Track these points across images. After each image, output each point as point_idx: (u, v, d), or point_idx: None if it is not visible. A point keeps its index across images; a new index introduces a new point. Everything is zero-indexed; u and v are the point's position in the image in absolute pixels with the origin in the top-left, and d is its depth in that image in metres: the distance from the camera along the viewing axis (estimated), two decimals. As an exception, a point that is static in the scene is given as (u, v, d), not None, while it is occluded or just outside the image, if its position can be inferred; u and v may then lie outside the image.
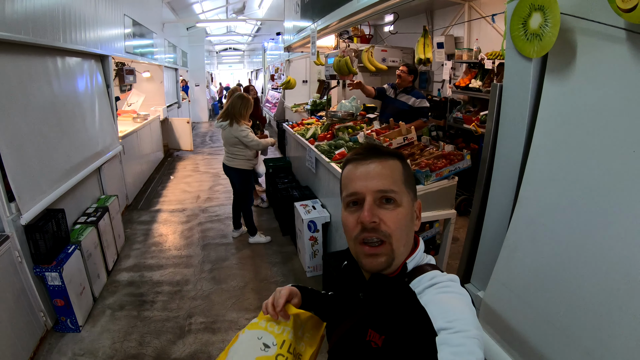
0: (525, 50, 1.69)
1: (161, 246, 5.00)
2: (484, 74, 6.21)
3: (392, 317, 1.01)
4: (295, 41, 7.50)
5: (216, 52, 27.20)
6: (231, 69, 32.19)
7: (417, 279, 1.04)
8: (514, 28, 1.73)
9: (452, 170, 3.35)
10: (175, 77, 12.55)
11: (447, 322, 0.89)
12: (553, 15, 1.51)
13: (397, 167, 1.09)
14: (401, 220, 1.05)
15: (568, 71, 1.57)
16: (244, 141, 4.70)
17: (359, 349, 1.05)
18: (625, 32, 1.32)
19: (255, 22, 15.64)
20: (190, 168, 9.10)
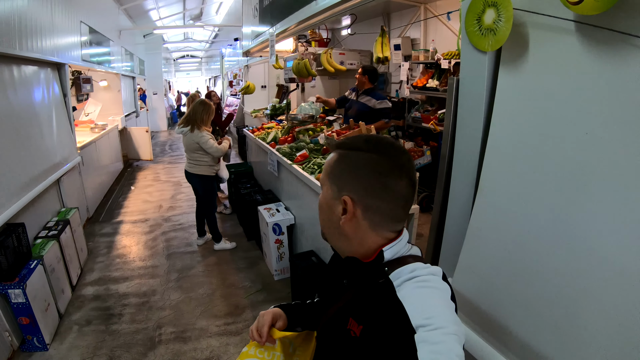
0: (480, 44, 1.77)
1: (125, 258, 4.92)
2: (440, 74, 6.36)
3: (370, 308, 1.01)
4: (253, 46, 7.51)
5: (173, 59, 26.79)
6: (189, 76, 31.87)
7: (397, 271, 1.03)
8: (469, 24, 1.80)
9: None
10: (132, 86, 12.34)
11: (424, 319, 0.89)
12: (506, 11, 1.59)
13: (332, 159, 1.11)
14: (319, 205, 1.12)
15: (521, 62, 1.66)
16: (204, 147, 4.69)
17: (339, 336, 1.06)
18: (574, 23, 1.42)
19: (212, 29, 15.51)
20: (151, 178, 8.98)
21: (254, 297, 4.05)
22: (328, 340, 1.14)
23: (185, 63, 28.99)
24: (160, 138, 15.01)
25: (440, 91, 6.13)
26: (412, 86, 6.76)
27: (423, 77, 6.77)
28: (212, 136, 4.83)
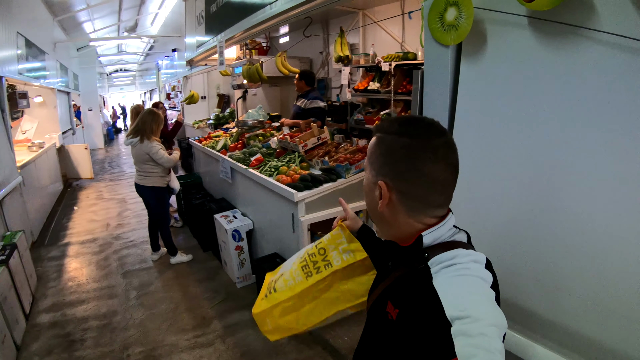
0: (443, 39, 1.93)
1: (78, 280, 4.72)
2: (381, 76, 6.56)
3: (407, 293, 1.01)
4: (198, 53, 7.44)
5: (107, 74, 25.99)
6: (123, 91, 31.04)
7: (437, 257, 1.00)
8: (432, 22, 1.97)
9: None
10: (67, 102, 11.86)
11: (459, 311, 0.85)
12: (467, 9, 1.77)
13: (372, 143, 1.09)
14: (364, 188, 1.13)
15: (481, 54, 1.86)
16: (155, 158, 4.60)
17: (380, 318, 1.07)
18: (527, 18, 1.64)
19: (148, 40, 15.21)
20: (94, 196, 8.67)
21: (220, 307, 4.01)
22: (371, 321, 1.17)
23: (119, 77, 28.20)
24: (98, 155, 14.49)
25: (382, 93, 6.32)
26: (353, 89, 6.92)
27: (364, 80, 6.94)
28: (163, 146, 4.74)
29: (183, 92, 12.42)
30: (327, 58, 7.85)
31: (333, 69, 7.64)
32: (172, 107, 14.64)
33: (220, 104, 10.90)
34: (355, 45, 7.16)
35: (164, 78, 16.88)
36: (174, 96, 14.78)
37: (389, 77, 6.28)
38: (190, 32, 8.00)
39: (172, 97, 15.01)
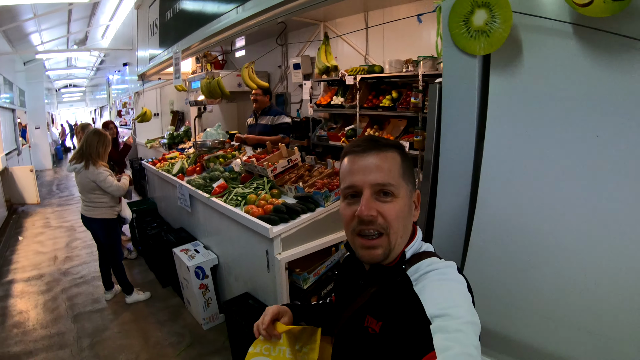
0: (470, 47, 1.64)
1: (24, 326, 4.18)
2: (344, 90, 6.34)
3: (389, 304, 1.05)
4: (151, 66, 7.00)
5: (56, 89, 24.88)
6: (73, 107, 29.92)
7: (415, 266, 1.08)
8: (454, 25, 1.67)
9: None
10: (12, 119, 11.14)
11: (440, 310, 0.92)
12: (503, 12, 1.49)
13: (395, 159, 1.11)
14: (398, 212, 1.07)
15: (515, 67, 1.58)
16: (102, 186, 4.13)
17: (357, 335, 1.10)
18: (575, 27, 1.38)
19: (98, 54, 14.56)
20: (41, 224, 8.02)
21: (186, 354, 3.60)
22: (346, 339, 1.18)
23: (68, 93, 27.07)
24: (45, 177, 13.69)
25: (346, 107, 6.11)
26: (315, 104, 6.68)
27: (326, 94, 6.72)
28: (111, 172, 4.27)
29: (135, 108, 11.88)
30: (286, 72, 7.60)
31: (292, 83, 7.42)
32: (123, 124, 14.07)
33: (174, 122, 10.45)
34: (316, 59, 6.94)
35: (115, 94, 16.24)
36: (125, 113, 14.19)
37: (353, 92, 6.08)
38: (143, 44, 7.56)
39: (123, 114, 14.41)
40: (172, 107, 10.73)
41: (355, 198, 1.09)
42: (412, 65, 5.11)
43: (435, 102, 1.95)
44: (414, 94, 5.03)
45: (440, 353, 0.84)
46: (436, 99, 1.95)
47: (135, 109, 11.78)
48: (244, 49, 8.39)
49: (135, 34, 8.13)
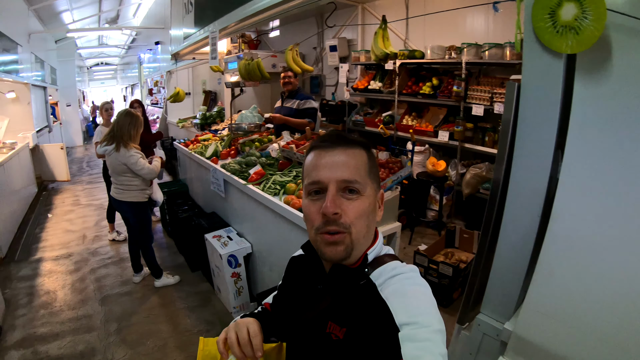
0: (556, 44, 1.40)
1: (51, 307, 4.11)
2: (383, 75, 6.12)
3: (353, 310, 1.01)
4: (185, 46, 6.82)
5: (87, 67, 25.04)
6: (104, 85, 30.11)
7: (378, 270, 1.05)
8: (538, 18, 1.44)
9: (395, 180, 3.04)
10: (44, 97, 11.18)
11: (409, 317, 0.90)
12: (595, 8, 1.26)
13: (362, 157, 1.09)
14: (363, 211, 1.04)
15: (604, 70, 1.36)
16: (134, 169, 3.99)
17: (318, 341, 1.05)
18: None
19: (130, 33, 14.51)
20: (70, 202, 8.01)
21: (215, 344, 3.46)
22: (305, 347, 1.12)
23: (99, 71, 27.21)
24: (76, 154, 13.77)
25: (384, 93, 5.91)
26: (352, 88, 6.49)
27: (363, 78, 6.54)
28: (142, 155, 4.11)
29: (166, 87, 11.79)
30: (322, 54, 7.39)
31: (328, 65, 7.21)
32: (155, 103, 14.02)
33: (207, 102, 10.35)
34: (354, 41, 6.76)
35: (146, 72, 16.19)
36: (157, 92, 14.13)
37: (392, 77, 5.86)
38: (177, 23, 7.38)
39: (154, 93, 14.36)
40: (204, 87, 10.63)
41: (320, 194, 1.05)
42: (455, 52, 4.88)
43: (512, 104, 1.72)
44: (456, 82, 4.82)
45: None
46: (513, 100, 1.72)
47: (166, 87, 11.70)
48: (279, 30, 8.18)
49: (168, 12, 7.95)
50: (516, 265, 1.80)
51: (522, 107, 1.68)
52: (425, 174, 4.99)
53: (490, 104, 4.57)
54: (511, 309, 1.86)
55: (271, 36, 8.61)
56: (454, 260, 3.91)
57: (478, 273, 2.04)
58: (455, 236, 4.36)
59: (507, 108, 1.74)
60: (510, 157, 1.76)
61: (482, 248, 2.01)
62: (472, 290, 2.09)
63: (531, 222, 1.71)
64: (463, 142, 5.00)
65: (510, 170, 1.77)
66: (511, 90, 1.71)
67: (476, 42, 4.67)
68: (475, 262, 2.06)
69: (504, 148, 1.80)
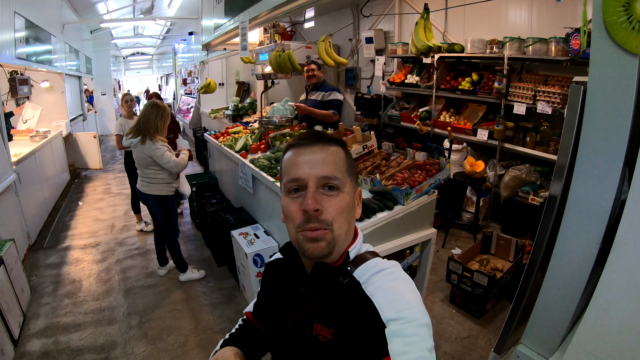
0: (631, 42, 1.21)
1: (75, 297, 4.08)
2: (420, 69, 5.90)
3: (339, 309, 1.00)
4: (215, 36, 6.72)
5: (123, 57, 25.44)
6: (140, 75, 30.55)
7: (361, 267, 1.05)
8: (610, 11, 1.23)
9: (432, 184, 2.83)
10: (79, 86, 11.31)
11: (395, 313, 0.90)
12: None
13: (340, 154, 1.09)
14: (343, 207, 1.04)
15: None
16: (160, 162, 3.88)
17: (306, 344, 1.04)
18: None
19: (164, 23, 14.57)
20: (101, 190, 8.05)
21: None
22: (292, 351, 1.10)
23: (135, 61, 27.62)
24: (110, 142, 13.92)
25: (422, 87, 5.69)
26: (388, 82, 6.28)
27: (400, 72, 6.33)
28: (169, 147, 4.00)
29: (200, 77, 11.78)
30: (358, 46, 7.19)
31: (364, 57, 7.01)
32: (188, 93, 14.08)
33: (240, 92, 10.29)
34: (390, 33, 6.54)
35: (181, 62, 16.29)
36: (190, 82, 14.19)
37: (430, 71, 5.62)
38: (207, 13, 7.28)
39: (188, 83, 14.42)
40: (237, 78, 10.57)
41: (299, 192, 1.04)
42: (496, 46, 4.61)
43: (577, 109, 1.51)
44: (497, 78, 4.56)
45: (398, 357, 0.84)
46: (578, 105, 1.50)
47: (200, 78, 11.70)
48: (314, 20, 8.01)
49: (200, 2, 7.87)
50: (567, 296, 1.62)
51: (588, 114, 1.48)
52: (463, 174, 4.76)
53: (533, 102, 4.30)
54: (556, 343, 1.69)
55: (306, 27, 8.45)
56: (489, 269, 3.67)
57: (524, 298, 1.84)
58: (492, 242, 4.11)
59: (571, 114, 1.53)
60: (571, 171, 1.56)
61: (531, 270, 1.81)
62: (515, 317, 1.90)
63: (589, 247, 1.52)
64: (503, 142, 4.75)
65: (569, 185, 1.57)
66: (576, 94, 1.50)
67: (519, 36, 4.41)
68: (521, 286, 1.86)
69: (565, 159, 1.60)
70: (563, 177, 1.61)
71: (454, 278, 3.59)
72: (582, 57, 3.56)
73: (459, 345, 3.21)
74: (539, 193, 4.37)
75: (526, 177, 4.48)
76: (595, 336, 1.42)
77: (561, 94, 3.96)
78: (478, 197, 4.74)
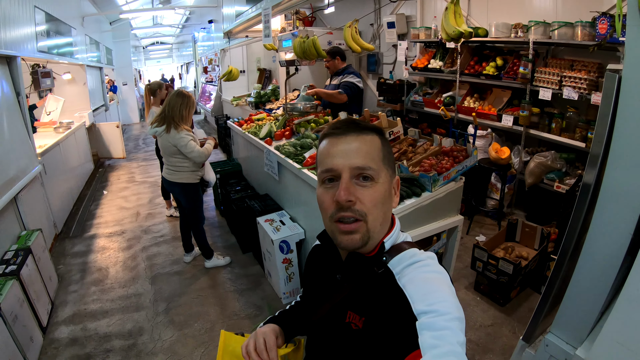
0: None
1: (103, 284, 4.15)
2: (444, 54, 5.80)
3: (371, 299, 1.01)
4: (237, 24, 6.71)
5: (143, 47, 25.60)
6: (159, 64, 30.73)
7: (396, 258, 1.04)
8: None
9: (459, 171, 2.79)
10: (100, 77, 11.42)
11: (427, 306, 0.89)
12: None
13: (375, 143, 1.07)
14: (378, 198, 1.02)
15: None
16: (184, 151, 3.89)
17: (338, 331, 1.06)
18: None
19: (183, 12, 14.59)
20: (125, 179, 8.14)
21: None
22: (325, 337, 1.12)
23: (155, 50, 27.79)
24: (132, 131, 14.07)
25: (445, 72, 5.60)
26: (410, 67, 6.20)
27: (423, 57, 6.24)
28: (194, 136, 4.00)
29: (220, 65, 11.80)
30: (379, 31, 7.11)
31: (385, 42, 6.93)
32: (210, 81, 14.12)
33: (261, 79, 10.29)
34: (412, 17, 6.44)
35: (201, 50, 16.33)
36: (211, 70, 14.22)
37: (454, 55, 5.52)
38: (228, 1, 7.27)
39: (209, 71, 14.45)
40: (258, 65, 10.57)
41: (334, 182, 1.03)
42: (521, 30, 4.50)
43: (612, 96, 1.44)
44: (522, 63, 4.46)
45: (428, 351, 0.82)
46: (613, 93, 1.44)
47: (221, 65, 11.72)
48: (334, 6, 7.94)
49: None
50: (598, 284, 1.57)
51: (623, 103, 1.41)
52: (487, 160, 4.68)
53: (559, 87, 4.19)
54: (585, 333, 1.65)
55: (326, 12, 8.37)
56: (514, 257, 3.62)
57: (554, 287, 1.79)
58: (517, 229, 4.03)
59: (605, 103, 1.47)
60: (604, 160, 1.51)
61: (562, 259, 1.76)
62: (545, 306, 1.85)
63: (622, 237, 1.46)
64: (528, 128, 4.65)
65: (602, 174, 1.52)
66: (611, 82, 1.43)
67: (544, 20, 4.29)
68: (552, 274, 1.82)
69: (599, 148, 1.54)
70: (597, 165, 1.56)
71: (479, 265, 3.55)
72: (610, 42, 3.50)
73: (483, 332, 3.19)
74: (565, 180, 4.28)
75: (551, 164, 4.39)
76: (626, 327, 1.38)
77: (587, 80, 3.86)
78: (503, 183, 4.67)
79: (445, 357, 0.80)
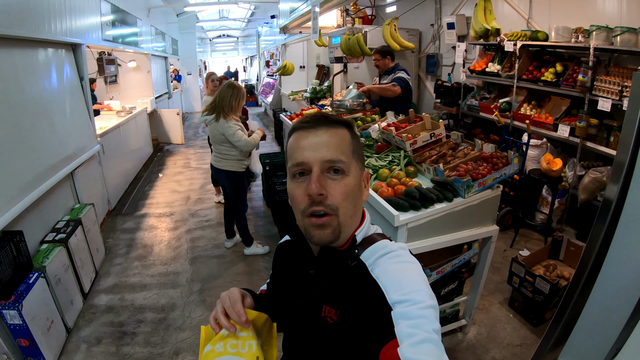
0: None
1: (145, 260, 4.39)
2: (502, 57, 5.64)
3: (346, 292, 1.01)
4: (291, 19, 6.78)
5: (209, 39, 26.33)
6: (225, 56, 31.43)
7: (368, 250, 1.04)
8: None
9: (497, 178, 2.69)
10: (165, 66, 11.88)
11: (401, 295, 0.90)
12: None
13: (345, 136, 1.07)
14: (349, 191, 1.03)
15: None
16: (231, 140, 4.01)
17: (315, 326, 1.05)
18: None
19: (248, 6, 14.89)
20: (181, 164, 8.47)
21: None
22: (302, 332, 1.13)
23: (221, 43, 28.45)
24: (194, 119, 14.59)
25: (503, 77, 5.43)
26: (468, 70, 6.06)
27: (481, 60, 6.08)
28: (241, 126, 4.11)
29: (281, 60, 12.01)
30: (439, 31, 6.99)
31: (445, 44, 6.80)
32: (270, 75, 14.38)
33: (319, 76, 10.37)
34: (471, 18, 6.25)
35: (264, 45, 16.67)
36: (273, 64, 14.49)
37: (512, 60, 5.36)
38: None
39: (270, 65, 14.73)
40: (318, 61, 10.66)
41: (304, 176, 1.02)
42: (582, 35, 4.27)
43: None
44: (582, 70, 4.21)
45: (404, 339, 0.83)
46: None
47: (281, 60, 11.93)
48: (395, 4, 7.87)
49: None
50: (616, 311, 1.44)
51: None
52: (538, 171, 4.50)
53: (620, 98, 3.90)
54: None
55: (388, 11, 8.32)
56: (555, 276, 3.41)
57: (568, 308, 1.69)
58: (562, 247, 3.81)
59: (633, 106, 1.37)
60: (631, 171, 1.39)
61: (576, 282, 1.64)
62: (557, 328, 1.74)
63: None
64: (585, 140, 4.38)
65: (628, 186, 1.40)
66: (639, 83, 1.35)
67: (607, 25, 4.05)
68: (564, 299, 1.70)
69: (624, 156, 1.41)
70: (622, 175, 1.42)
71: (516, 281, 3.40)
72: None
73: (509, 352, 3.05)
74: (620, 199, 4.04)
75: (607, 181, 4.15)
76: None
77: (650, 92, 3.63)
78: (553, 197, 4.44)
79: (422, 344, 0.81)
